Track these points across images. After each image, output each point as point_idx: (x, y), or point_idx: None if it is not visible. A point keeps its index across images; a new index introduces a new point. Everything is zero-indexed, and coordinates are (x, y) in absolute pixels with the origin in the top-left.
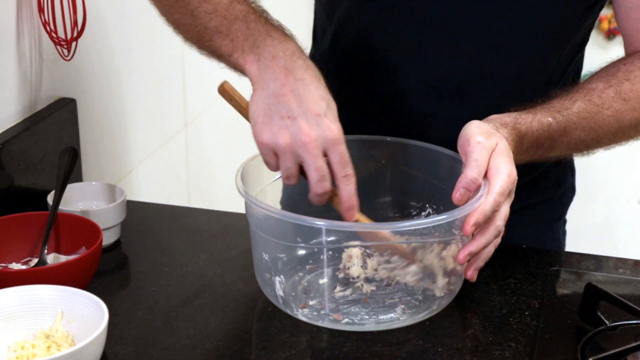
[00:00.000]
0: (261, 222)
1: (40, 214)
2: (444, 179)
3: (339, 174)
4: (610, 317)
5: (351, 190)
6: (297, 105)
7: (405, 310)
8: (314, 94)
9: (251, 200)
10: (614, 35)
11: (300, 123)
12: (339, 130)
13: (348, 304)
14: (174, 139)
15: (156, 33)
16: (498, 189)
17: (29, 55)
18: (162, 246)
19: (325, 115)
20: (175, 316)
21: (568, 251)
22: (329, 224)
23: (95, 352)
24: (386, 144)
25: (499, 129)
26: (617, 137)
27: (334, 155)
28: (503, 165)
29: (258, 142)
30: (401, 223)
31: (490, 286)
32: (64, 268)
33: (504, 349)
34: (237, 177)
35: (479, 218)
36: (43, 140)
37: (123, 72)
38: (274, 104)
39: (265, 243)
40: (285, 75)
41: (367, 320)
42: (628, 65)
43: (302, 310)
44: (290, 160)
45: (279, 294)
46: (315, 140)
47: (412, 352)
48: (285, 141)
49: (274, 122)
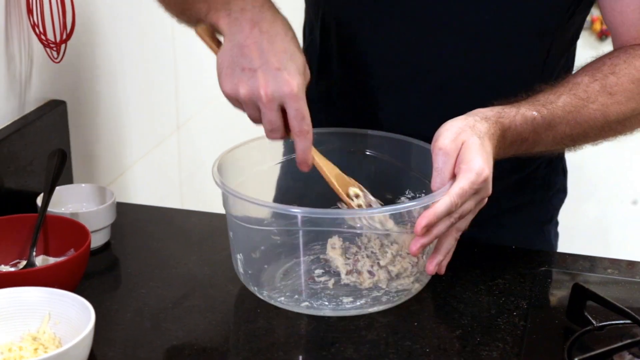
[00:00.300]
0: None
1: (29, 216)
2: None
3: (294, 128)
4: (597, 317)
5: (306, 146)
6: (258, 58)
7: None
8: (278, 46)
9: (229, 190)
10: (606, 37)
11: (258, 76)
12: (297, 86)
13: (321, 291)
14: (167, 141)
15: (147, 34)
16: (457, 190)
17: (18, 57)
18: (152, 248)
19: (285, 69)
20: (164, 317)
21: (557, 252)
22: (304, 210)
23: (82, 354)
24: (368, 136)
25: (479, 123)
26: (604, 131)
27: (290, 110)
28: (473, 163)
29: (223, 92)
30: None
31: (479, 287)
32: (52, 270)
33: (491, 349)
34: (214, 168)
35: (431, 219)
36: (32, 142)
37: (114, 74)
38: (237, 56)
39: (231, 221)
40: (250, 27)
41: (326, 306)
42: (613, 59)
43: (271, 293)
44: (252, 109)
45: (239, 271)
46: (271, 94)
47: (400, 353)
48: (244, 93)
49: (235, 73)
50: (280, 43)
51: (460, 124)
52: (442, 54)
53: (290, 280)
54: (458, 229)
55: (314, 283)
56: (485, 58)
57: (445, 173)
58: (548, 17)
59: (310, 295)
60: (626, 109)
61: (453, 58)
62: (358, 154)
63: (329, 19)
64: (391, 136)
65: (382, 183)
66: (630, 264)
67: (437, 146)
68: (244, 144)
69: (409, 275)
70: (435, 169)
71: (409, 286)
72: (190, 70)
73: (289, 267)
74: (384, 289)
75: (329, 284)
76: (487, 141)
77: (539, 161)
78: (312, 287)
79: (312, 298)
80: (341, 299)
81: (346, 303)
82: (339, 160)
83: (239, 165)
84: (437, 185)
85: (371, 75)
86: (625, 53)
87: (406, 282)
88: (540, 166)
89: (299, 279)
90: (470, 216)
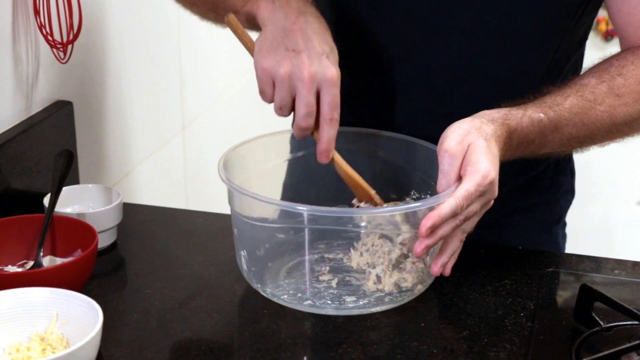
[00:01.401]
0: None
1: (36, 217)
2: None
3: (326, 115)
4: (604, 318)
5: (331, 135)
6: (303, 42)
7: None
8: (321, 37)
9: (234, 187)
10: (611, 37)
11: (303, 57)
12: (337, 73)
13: (325, 289)
14: (172, 141)
15: (153, 35)
16: (463, 192)
17: (25, 58)
18: (158, 248)
19: (328, 57)
20: (170, 318)
21: (564, 252)
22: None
23: (90, 354)
24: (374, 137)
25: (485, 125)
26: (611, 133)
27: (327, 96)
28: (480, 165)
29: (259, 68)
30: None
31: (486, 287)
32: (59, 270)
33: (499, 350)
34: (220, 164)
35: (435, 221)
36: (39, 143)
37: (120, 75)
38: (281, 37)
39: (236, 218)
40: (297, 16)
41: (329, 305)
42: (620, 60)
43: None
44: (286, 90)
45: (243, 267)
46: (313, 75)
47: (407, 354)
48: (285, 70)
49: (278, 52)
50: (322, 35)
51: (467, 126)
52: (449, 55)
53: (294, 279)
54: (463, 230)
55: (318, 282)
56: (493, 60)
57: (451, 175)
58: (556, 20)
59: (313, 294)
60: (633, 110)
61: (460, 60)
62: (364, 154)
63: (337, 21)
64: (397, 137)
65: (388, 183)
66: (636, 265)
67: (443, 148)
68: (249, 141)
69: (412, 276)
70: (441, 172)
71: (412, 287)
72: (195, 71)
73: (293, 265)
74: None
75: (333, 283)
76: (494, 143)
77: (546, 162)
78: (316, 285)
79: (315, 297)
80: (344, 298)
81: (349, 302)
82: (345, 159)
83: (244, 162)
84: (443, 187)
85: (378, 76)
86: (633, 54)
87: (409, 283)
88: (548, 167)
89: (303, 278)
90: (476, 218)
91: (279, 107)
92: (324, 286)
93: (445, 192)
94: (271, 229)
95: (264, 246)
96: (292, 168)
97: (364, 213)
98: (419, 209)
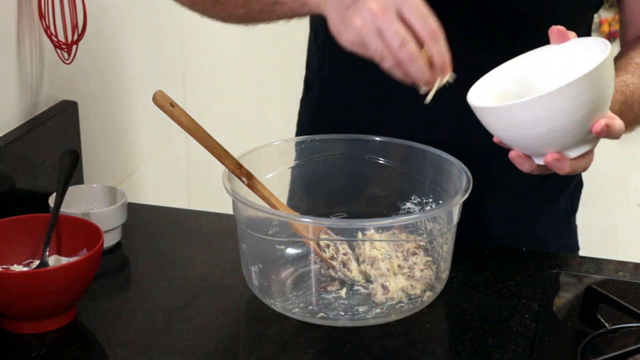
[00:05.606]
0: (247, 219)
1: (42, 216)
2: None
3: (422, 31)
4: (610, 320)
5: (441, 47)
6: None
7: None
8: None
9: (237, 198)
10: (614, 38)
11: (361, 2)
12: None
13: (331, 301)
14: (175, 141)
15: (157, 35)
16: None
17: (30, 58)
18: (162, 248)
19: None
20: (175, 318)
21: (568, 254)
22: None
23: None
24: (372, 142)
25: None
26: None
27: (411, 13)
28: None
29: (345, 47)
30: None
31: (490, 289)
32: (65, 270)
33: (503, 351)
34: (224, 177)
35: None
36: (44, 142)
37: (124, 75)
38: (338, 4)
39: (243, 233)
40: None
41: (342, 316)
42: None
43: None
44: (374, 39)
45: (254, 283)
46: (384, 4)
47: (412, 354)
48: (359, 25)
49: (345, 17)
50: None
51: None
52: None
53: (301, 291)
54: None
55: (326, 293)
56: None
57: None
58: (563, 18)
59: (324, 306)
60: None
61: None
62: (362, 160)
63: None
64: (395, 142)
65: (387, 189)
66: (638, 266)
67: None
68: (253, 150)
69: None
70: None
71: (421, 294)
72: (199, 71)
73: (297, 277)
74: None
75: (342, 293)
76: None
77: None
78: (325, 297)
79: (326, 309)
80: (357, 309)
81: (362, 312)
82: (343, 166)
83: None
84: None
85: (374, 80)
86: None
87: (418, 290)
88: None
89: (310, 289)
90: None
91: (380, 58)
92: (334, 297)
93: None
94: (272, 240)
95: (269, 258)
96: (295, 175)
97: (367, 222)
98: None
